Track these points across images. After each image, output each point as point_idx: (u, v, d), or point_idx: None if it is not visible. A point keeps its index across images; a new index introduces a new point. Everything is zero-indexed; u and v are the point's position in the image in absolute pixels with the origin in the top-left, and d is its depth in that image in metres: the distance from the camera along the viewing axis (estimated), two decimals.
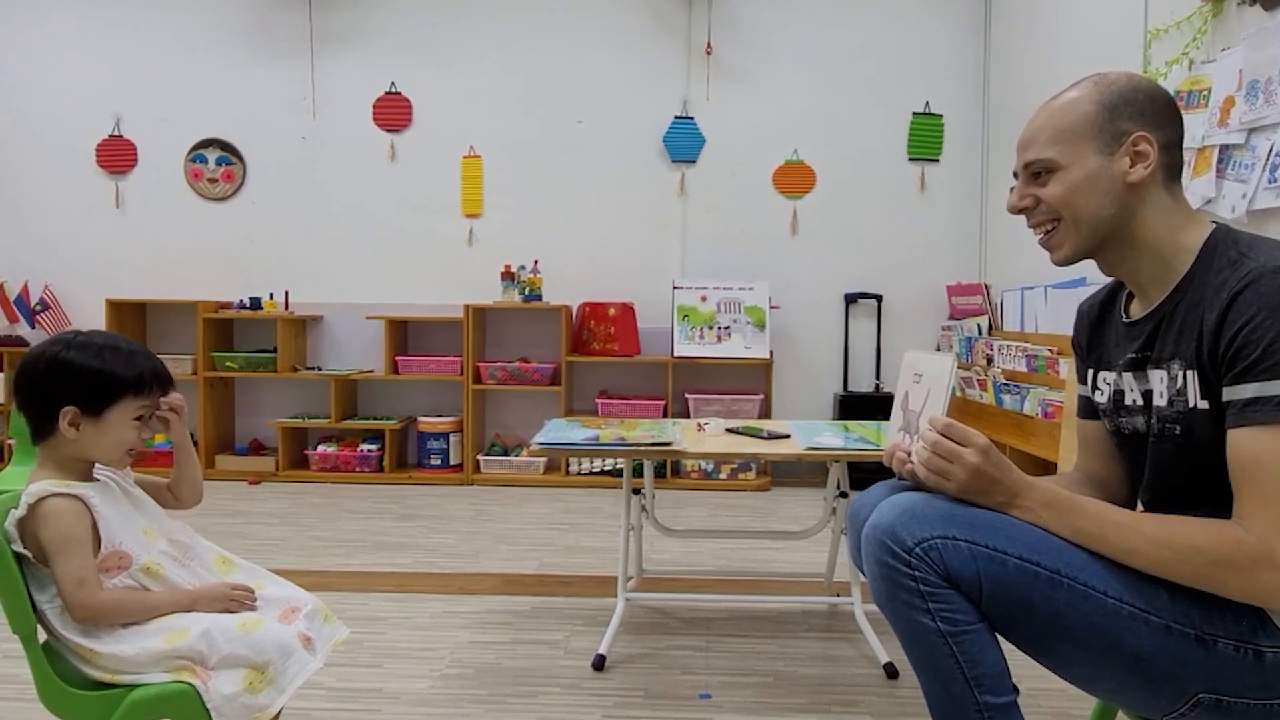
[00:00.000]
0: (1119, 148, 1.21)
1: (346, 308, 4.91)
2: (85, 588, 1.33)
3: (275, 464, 4.69)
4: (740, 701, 2.07)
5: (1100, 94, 1.24)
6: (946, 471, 1.20)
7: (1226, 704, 1.11)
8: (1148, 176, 1.20)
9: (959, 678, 1.16)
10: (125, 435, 1.43)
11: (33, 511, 1.35)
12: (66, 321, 4.87)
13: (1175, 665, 1.11)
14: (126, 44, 4.91)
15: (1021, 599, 1.14)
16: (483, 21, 4.86)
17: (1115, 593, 1.12)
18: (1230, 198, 2.54)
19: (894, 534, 1.17)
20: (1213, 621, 1.10)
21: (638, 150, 4.86)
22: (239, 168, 4.94)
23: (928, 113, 4.77)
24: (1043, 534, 1.17)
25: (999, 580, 1.13)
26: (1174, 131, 1.22)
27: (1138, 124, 1.21)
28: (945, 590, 1.15)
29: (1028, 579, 1.13)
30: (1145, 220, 1.22)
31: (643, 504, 2.70)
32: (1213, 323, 1.11)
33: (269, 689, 1.36)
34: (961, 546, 1.15)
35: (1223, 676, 1.10)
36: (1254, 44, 2.46)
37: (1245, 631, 1.10)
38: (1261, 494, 1.05)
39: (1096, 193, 1.22)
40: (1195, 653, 1.10)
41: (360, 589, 2.84)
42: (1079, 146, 1.23)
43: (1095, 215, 1.23)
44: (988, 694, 1.16)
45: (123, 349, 1.44)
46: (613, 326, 4.68)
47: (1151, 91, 1.23)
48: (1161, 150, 1.20)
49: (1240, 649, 1.09)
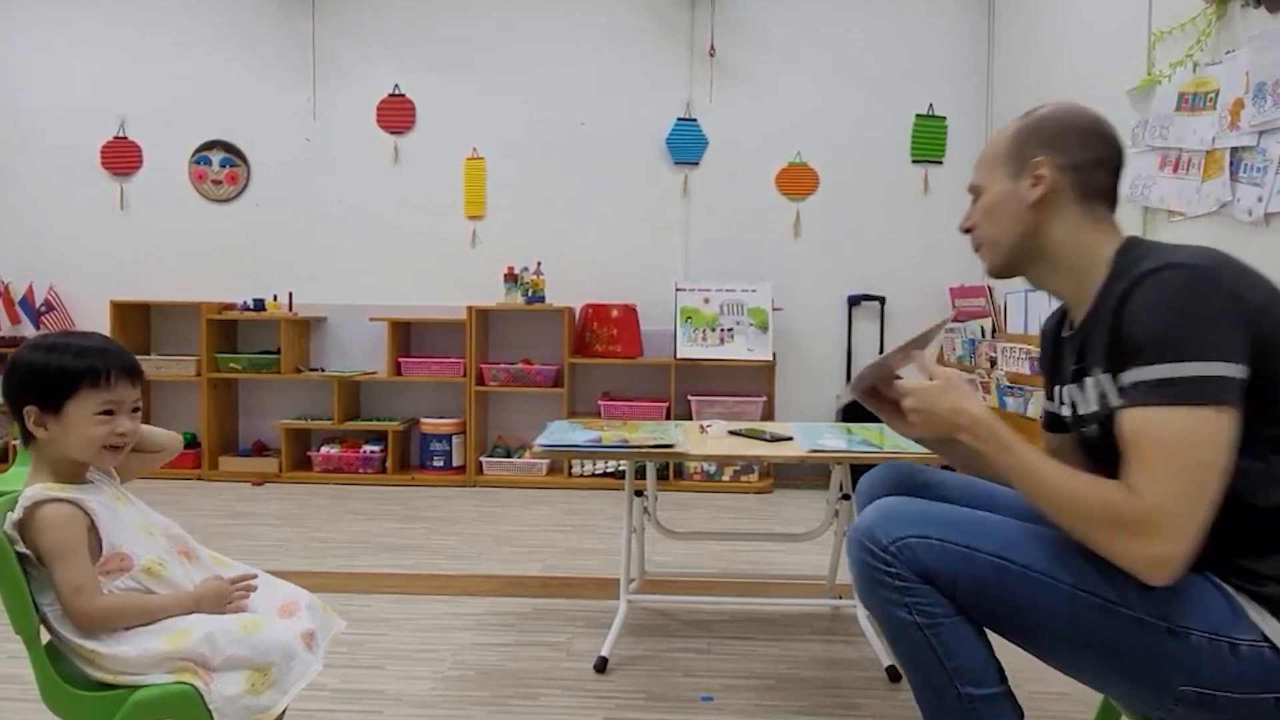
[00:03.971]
0: (1023, 172, 1.32)
1: (350, 309, 4.92)
2: (83, 594, 1.33)
3: (278, 465, 4.70)
4: (742, 704, 2.07)
5: (1019, 124, 1.36)
6: (917, 391, 1.33)
7: (1209, 697, 1.13)
8: (1056, 197, 1.30)
9: (939, 669, 1.23)
10: (91, 430, 1.39)
11: (29, 516, 1.35)
12: (70, 323, 4.88)
13: (1151, 658, 1.14)
14: (131, 46, 4.92)
15: (994, 594, 1.20)
16: (486, 24, 4.86)
17: (1086, 586, 1.16)
18: (1246, 201, 2.53)
19: (872, 534, 1.26)
20: (1185, 613, 1.13)
21: (640, 152, 4.87)
22: (243, 169, 4.95)
23: (931, 114, 4.77)
24: (1018, 530, 1.23)
25: (972, 576, 1.20)
26: (1085, 154, 1.30)
27: (1040, 150, 1.31)
28: (920, 585, 1.22)
29: (999, 574, 1.20)
30: (1056, 238, 1.32)
31: (645, 506, 2.70)
32: (1111, 326, 1.19)
33: (271, 690, 1.36)
34: (934, 544, 1.22)
35: (1200, 669, 1.12)
36: (1260, 46, 2.46)
37: (1218, 624, 1.12)
38: (1140, 467, 1.11)
39: (1005, 214, 1.35)
40: (1169, 645, 1.13)
41: (363, 590, 2.84)
42: (994, 172, 1.37)
43: (1003, 234, 1.36)
44: (969, 685, 1.22)
45: (73, 344, 1.41)
46: (615, 328, 4.68)
47: (1067, 120, 1.33)
48: (1067, 172, 1.30)
49: (1214, 641, 1.12)
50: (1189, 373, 1.09)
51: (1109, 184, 1.33)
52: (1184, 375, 1.09)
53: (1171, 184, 2.89)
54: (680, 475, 4.60)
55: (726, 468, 4.56)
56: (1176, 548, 1.09)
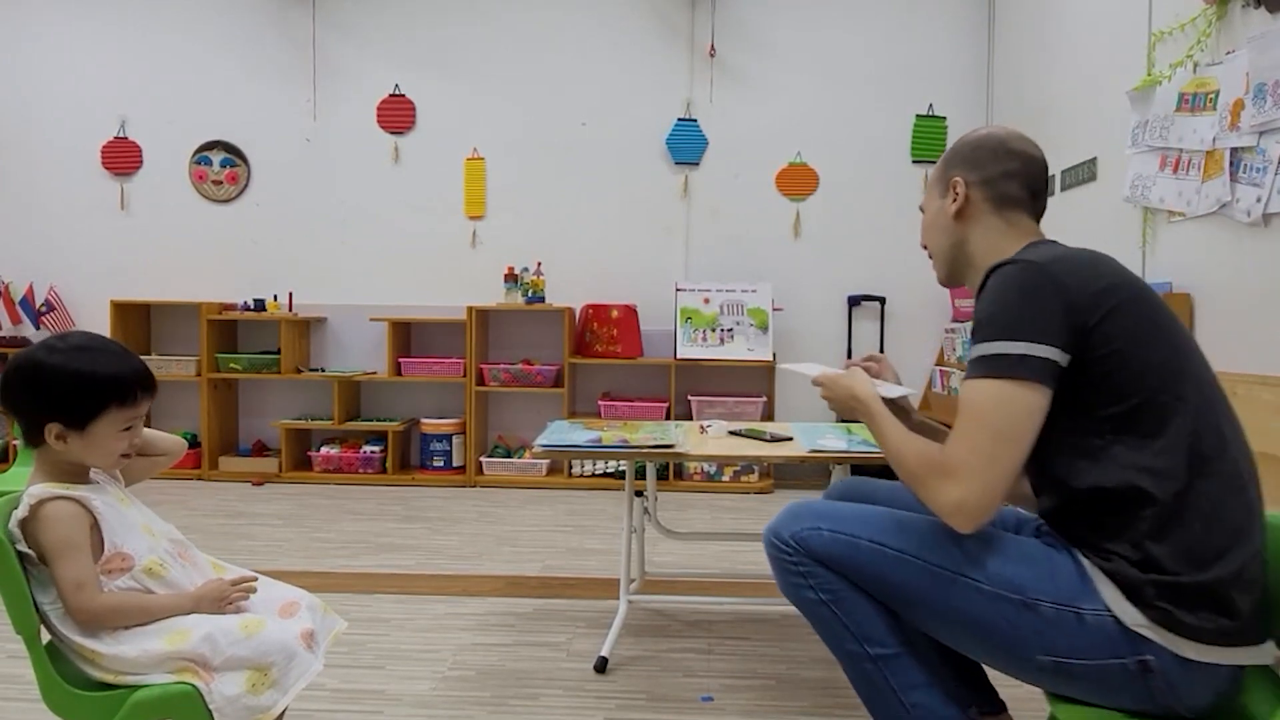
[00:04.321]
0: (948, 189, 1.52)
1: (350, 309, 4.92)
2: (84, 591, 1.33)
3: (279, 465, 4.70)
4: (742, 704, 2.07)
5: (948, 149, 1.56)
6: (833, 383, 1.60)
7: (1065, 666, 1.23)
8: (972, 208, 1.48)
9: (849, 635, 1.41)
10: (113, 445, 1.42)
11: (34, 513, 1.35)
12: (71, 323, 4.89)
13: (1010, 629, 1.26)
14: (132, 47, 4.93)
15: (876, 574, 1.38)
16: (486, 24, 4.86)
17: (952, 566, 1.31)
18: (1245, 201, 2.53)
19: (776, 531, 1.45)
20: (1035, 586, 1.26)
21: (641, 152, 4.87)
22: (243, 169, 4.95)
23: (931, 115, 4.77)
24: (896, 520, 1.40)
25: (856, 560, 1.39)
26: (995, 168, 1.47)
27: (957, 169, 1.51)
28: (817, 568, 1.41)
29: (878, 558, 1.37)
30: (975, 246, 1.49)
31: (645, 506, 2.70)
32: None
33: (271, 690, 1.36)
34: (824, 534, 1.41)
35: (1053, 639, 1.23)
36: (1260, 46, 2.46)
37: (1067, 595, 1.24)
38: (954, 428, 1.29)
39: (937, 228, 1.55)
40: (1023, 617, 1.25)
41: (363, 590, 2.84)
42: (931, 192, 1.57)
43: (939, 246, 1.55)
44: (876, 646, 1.40)
45: (100, 364, 1.39)
46: (615, 328, 4.68)
47: (982, 140, 1.51)
48: (980, 186, 1.48)
49: (1060, 611, 1.23)
50: (1004, 350, 1.24)
51: (1022, 193, 1.47)
52: (999, 353, 1.25)
53: (1171, 184, 2.89)
54: (680, 475, 4.60)
55: (727, 468, 4.56)
56: (970, 495, 1.24)
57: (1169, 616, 1.17)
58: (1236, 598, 1.17)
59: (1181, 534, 1.18)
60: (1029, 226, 1.47)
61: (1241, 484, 1.23)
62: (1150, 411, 1.22)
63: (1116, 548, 1.22)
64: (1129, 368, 1.23)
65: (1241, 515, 1.21)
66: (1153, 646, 1.19)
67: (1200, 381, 1.27)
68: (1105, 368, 1.24)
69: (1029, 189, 1.47)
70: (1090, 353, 1.24)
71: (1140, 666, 1.19)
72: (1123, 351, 1.23)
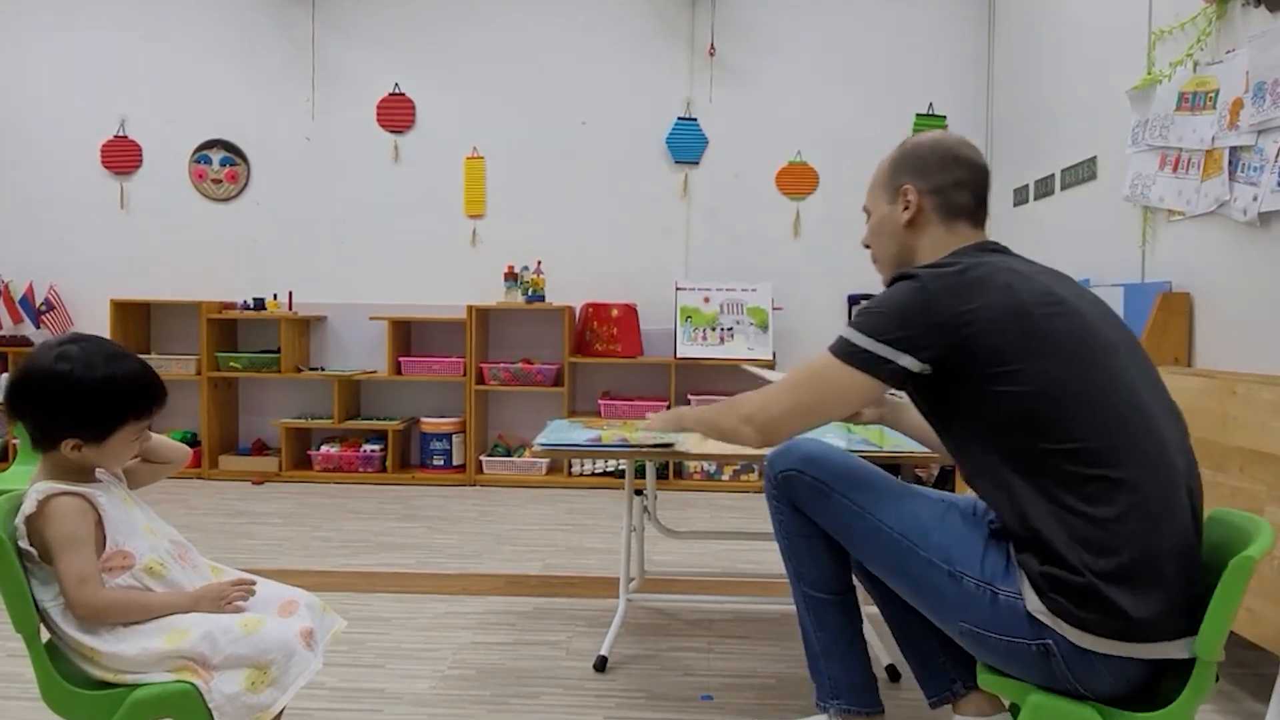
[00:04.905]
0: (897, 197, 1.56)
1: (350, 308, 4.92)
2: (87, 585, 1.34)
3: (278, 464, 4.70)
4: (742, 703, 2.07)
5: (893, 155, 1.61)
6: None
7: (980, 636, 1.36)
8: (922, 217, 1.53)
9: (793, 570, 1.69)
10: (127, 452, 1.47)
11: (40, 509, 1.36)
12: (70, 322, 4.89)
13: (938, 594, 1.41)
14: (131, 45, 4.92)
15: (839, 525, 1.56)
16: (486, 23, 4.86)
17: (899, 529, 1.46)
18: (1241, 200, 2.53)
19: (772, 461, 1.66)
20: (964, 561, 1.38)
21: (641, 151, 4.87)
22: (243, 168, 4.95)
23: (931, 114, 4.77)
24: (874, 480, 1.53)
25: (825, 510, 1.56)
26: (946, 177, 1.52)
27: (907, 177, 1.55)
28: (786, 509, 1.64)
29: (844, 512, 1.53)
30: (921, 253, 1.54)
31: (645, 505, 2.70)
32: None
33: (271, 689, 1.37)
34: (806, 479, 1.58)
35: (970, 611, 1.36)
36: (1260, 45, 2.45)
37: (989, 576, 1.35)
38: (788, 373, 1.50)
39: (885, 233, 1.60)
40: (949, 586, 1.39)
41: (363, 589, 2.84)
42: (877, 197, 1.62)
43: (885, 251, 1.61)
44: (808, 587, 1.67)
45: (120, 381, 1.40)
46: (615, 327, 4.68)
47: (930, 148, 1.55)
48: (929, 195, 1.53)
49: (980, 587, 1.36)
50: (857, 341, 1.39)
51: (970, 201, 1.53)
52: (852, 341, 1.40)
53: (1171, 183, 2.89)
54: (680, 475, 4.60)
55: (726, 467, 4.56)
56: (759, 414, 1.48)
57: (1062, 608, 1.25)
58: (1127, 599, 1.21)
59: (1079, 534, 1.24)
60: (969, 234, 1.53)
61: (1156, 492, 1.25)
62: (1056, 422, 1.28)
63: (1020, 537, 1.32)
64: (1026, 378, 1.29)
65: (1144, 521, 1.23)
66: (1052, 633, 1.27)
67: (1121, 389, 1.29)
68: (998, 381, 1.30)
69: (975, 197, 1.53)
70: (974, 361, 1.32)
71: (1042, 649, 1.28)
72: (1014, 364, 1.30)
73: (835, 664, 1.69)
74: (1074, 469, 1.26)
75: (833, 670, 1.69)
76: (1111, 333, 1.36)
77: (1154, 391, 1.34)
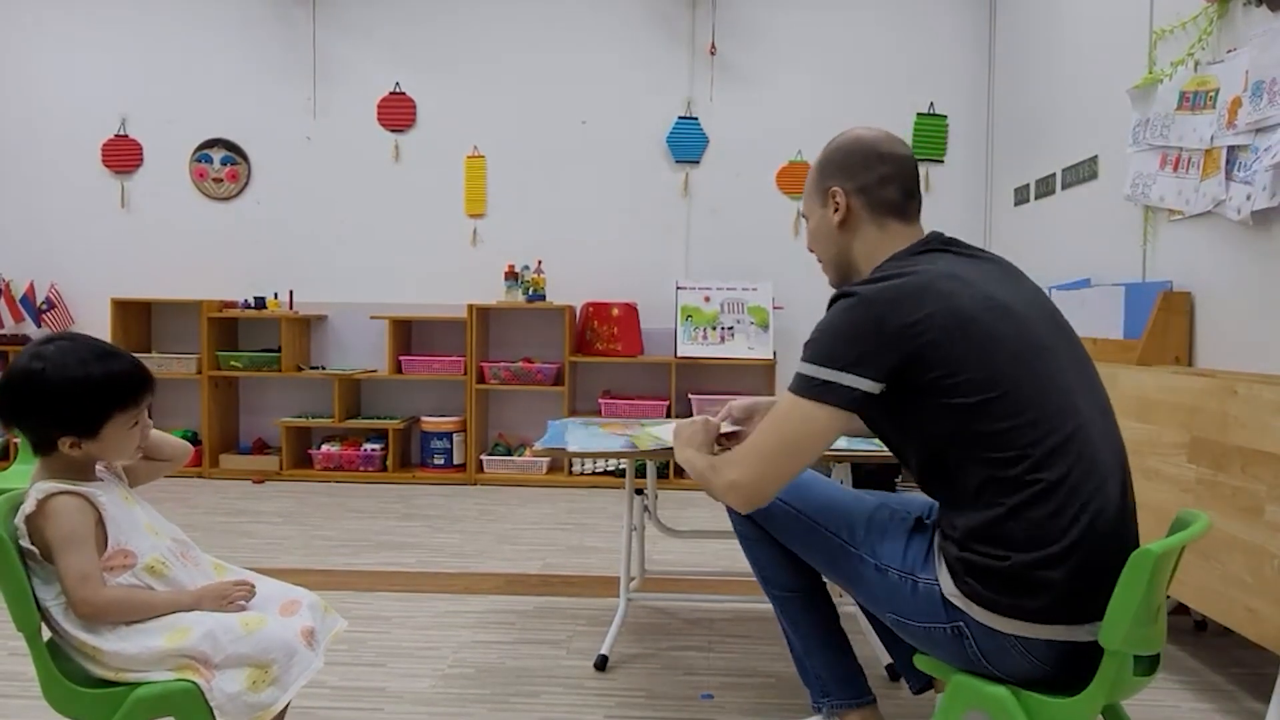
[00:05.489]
0: (827, 200, 1.55)
1: (350, 307, 4.92)
2: (88, 583, 1.34)
3: (279, 463, 4.70)
4: (742, 703, 2.07)
5: (818, 158, 1.59)
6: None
7: (904, 624, 1.44)
8: (853, 217, 1.53)
9: (759, 574, 1.77)
10: (128, 441, 1.45)
11: (41, 508, 1.36)
12: (71, 321, 4.89)
13: (869, 587, 1.50)
14: (132, 44, 4.93)
15: (779, 527, 1.64)
16: (487, 22, 4.86)
17: (832, 528, 1.55)
18: (1237, 199, 2.53)
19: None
20: (889, 556, 1.46)
21: (641, 151, 4.87)
22: (244, 167, 4.95)
23: (932, 114, 4.77)
24: (806, 483, 1.61)
25: (766, 514, 1.64)
26: (870, 175, 1.51)
27: (834, 178, 1.54)
28: (739, 515, 1.71)
29: (780, 515, 1.62)
30: (858, 253, 1.54)
31: (645, 504, 2.70)
32: None
33: (272, 688, 1.37)
34: None
35: (895, 600, 1.44)
36: (1261, 44, 2.45)
37: (911, 566, 1.43)
38: (759, 426, 1.45)
39: (822, 237, 1.59)
40: (877, 579, 1.47)
41: (364, 588, 2.85)
42: (811, 202, 1.60)
43: (825, 254, 1.60)
44: (775, 588, 1.76)
45: (96, 372, 1.39)
46: (616, 327, 4.68)
47: (850, 147, 1.55)
48: (857, 194, 1.52)
49: (903, 578, 1.43)
50: (814, 374, 1.37)
51: (898, 196, 1.52)
52: (809, 375, 1.37)
53: (1171, 183, 2.89)
54: (681, 474, 4.60)
55: None
56: (743, 479, 1.43)
57: (973, 590, 1.32)
58: (1035, 582, 1.27)
59: (1009, 531, 1.29)
60: (900, 230, 1.52)
61: (1086, 490, 1.28)
62: (995, 429, 1.30)
63: (947, 528, 1.37)
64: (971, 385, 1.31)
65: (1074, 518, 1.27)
66: (964, 615, 1.34)
67: (1055, 392, 1.32)
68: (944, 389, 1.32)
69: (903, 190, 1.52)
70: (926, 369, 1.32)
71: (955, 631, 1.35)
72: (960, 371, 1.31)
73: (817, 661, 1.76)
74: (1012, 473, 1.28)
75: (817, 669, 1.77)
76: (1049, 335, 1.38)
77: (1090, 394, 1.37)
